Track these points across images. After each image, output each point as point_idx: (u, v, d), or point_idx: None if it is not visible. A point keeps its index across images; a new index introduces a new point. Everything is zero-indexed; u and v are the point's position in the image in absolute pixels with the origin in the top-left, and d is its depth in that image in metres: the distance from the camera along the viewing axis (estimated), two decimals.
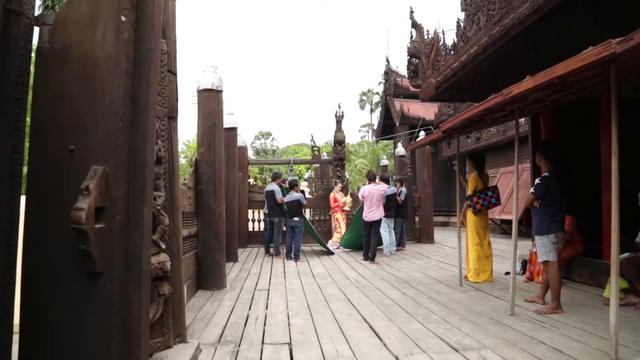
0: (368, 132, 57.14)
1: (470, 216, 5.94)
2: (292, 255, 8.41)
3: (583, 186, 5.54)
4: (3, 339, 1.67)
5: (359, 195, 8.38)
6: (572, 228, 5.55)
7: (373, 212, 8.05)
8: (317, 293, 5.47)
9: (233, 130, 8.31)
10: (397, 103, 18.77)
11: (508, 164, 14.05)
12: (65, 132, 1.62)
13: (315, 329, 3.89)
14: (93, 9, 1.60)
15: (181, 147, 25.30)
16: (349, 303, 4.91)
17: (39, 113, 1.69)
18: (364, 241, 8.37)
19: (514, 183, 4.37)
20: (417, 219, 11.32)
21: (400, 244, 9.74)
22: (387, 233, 8.82)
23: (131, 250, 1.58)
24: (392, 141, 21.02)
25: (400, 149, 13.12)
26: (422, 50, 7.72)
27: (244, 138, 10.89)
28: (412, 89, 8.69)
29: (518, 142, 4.42)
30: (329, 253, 9.28)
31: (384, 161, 15.34)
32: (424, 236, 11.03)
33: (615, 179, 2.89)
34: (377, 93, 49.41)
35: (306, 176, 27.10)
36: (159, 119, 2.87)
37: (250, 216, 10.99)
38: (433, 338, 3.56)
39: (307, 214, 11.22)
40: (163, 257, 2.84)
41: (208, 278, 5.71)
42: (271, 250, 9.18)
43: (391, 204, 8.71)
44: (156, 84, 1.66)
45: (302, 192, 8.78)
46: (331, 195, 10.45)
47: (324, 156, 17.43)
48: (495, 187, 5.95)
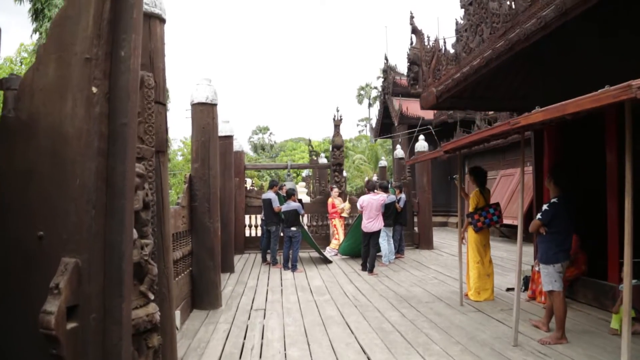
0: (366, 127, 56.93)
1: (471, 234, 5.79)
2: (290, 265, 8.27)
3: (587, 200, 5.40)
4: None
5: (358, 205, 8.24)
6: (577, 247, 5.42)
7: (372, 223, 7.91)
8: (315, 314, 5.33)
9: (229, 138, 8.13)
10: (396, 102, 18.55)
11: (508, 167, 13.91)
12: (34, 216, 1.45)
13: None
14: (61, 77, 1.43)
15: (178, 145, 25.07)
16: (347, 328, 4.77)
17: (5, 191, 1.52)
18: (363, 252, 8.24)
19: (519, 206, 4.23)
20: (416, 224, 11.19)
21: (399, 252, 9.61)
22: (386, 242, 8.69)
23: (109, 349, 1.42)
24: (392, 141, 20.84)
25: (399, 152, 12.96)
26: (423, 57, 7.53)
27: (241, 143, 10.71)
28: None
29: (523, 167, 4.26)
30: (327, 261, 9.15)
31: (382, 162, 15.21)
32: (423, 242, 10.91)
33: (628, 222, 2.74)
34: (376, 87, 49.12)
35: (304, 174, 26.92)
36: (146, 160, 2.70)
37: (247, 222, 10.84)
38: None
39: (305, 219, 11.08)
40: (152, 309, 2.66)
41: (203, 297, 5.57)
42: (268, 258, 9.04)
43: (390, 212, 8.57)
44: (133, 164, 1.49)
45: (300, 201, 8.62)
46: (329, 200, 10.29)
47: (322, 157, 17.27)
48: (497, 205, 5.81)
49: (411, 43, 7.99)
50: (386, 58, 19.46)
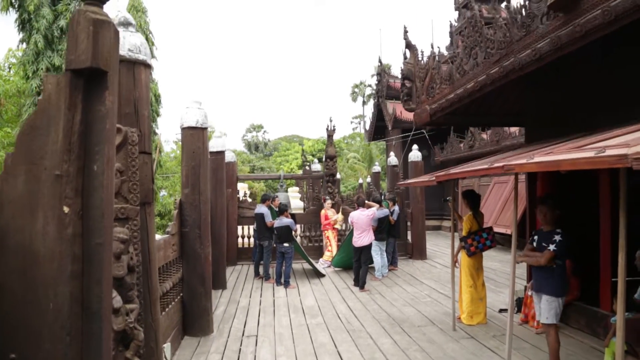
0: (360, 124, 56.85)
1: (464, 258, 5.77)
2: (282, 281, 8.22)
3: (579, 224, 5.36)
4: None
5: (349, 220, 8.20)
6: (569, 272, 5.40)
7: (362, 238, 7.89)
8: (307, 342, 5.28)
9: (221, 154, 8.03)
10: (390, 105, 18.49)
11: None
12: (6, 336, 1.37)
13: None
14: (31, 192, 1.35)
15: (171, 147, 24.83)
16: (339, 358, 4.73)
17: None
18: (354, 267, 8.21)
19: (513, 231, 4.20)
20: (410, 234, 11.18)
21: (392, 263, 9.60)
22: (379, 256, 8.66)
23: None
24: (386, 144, 20.78)
25: (392, 159, 12.90)
26: (417, 74, 7.46)
27: (232, 151, 10.61)
28: None
29: (517, 198, 4.22)
30: (320, 275, 9.11)
31: (376, 167, 15.14)
32: (416, 252, 10.90)
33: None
34: (370, 85, 48.97)
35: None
36: (131, 219, 2.62)
37: (240, 232, 10.76)
38: None
39: (299, 229, 11.02)
40: None
41: (194, 324, 5.50)
42: (261, 272, 8.98)
43: (384, 226, 8.53)
44: (110, 285, 1.41)
45: (293, 216, 8.55)
46: (322, 212, 10.24)
47: (316, 163, 17.21)
48: (490, 229, 5.78)
49: (405, 58, 7.91)
50: (380, 61, 19.36)
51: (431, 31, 50.41)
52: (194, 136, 5.48)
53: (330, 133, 10.58)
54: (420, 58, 7.57)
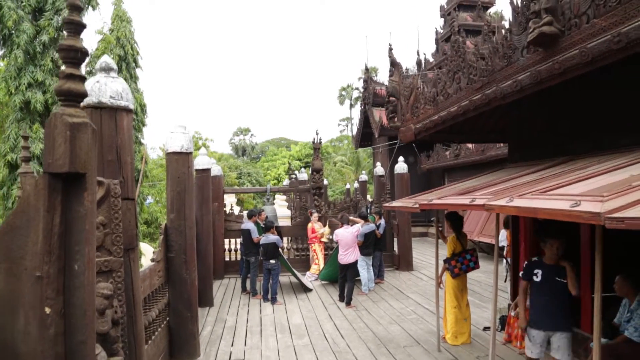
0: (347, 126, 57.02)
1: (448, 279, 5.85)
2: (269, 297, 8.22)
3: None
4: None
5: (334, 237, 8.26)
6: None
7: (348, 255, 7.95)
8: None
9: (207, 171, 8.00)
10: (377, 113, 18.59)
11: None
12: None
13: None
14: (11, 291, 1.36)
15: (158, 154, 24.60)
16: None
17: None
18: (339, 283, 8.27)
19: (495, 249, 4.27)
20: (396, 245, 11.26)
21: (379, 276, 9.67)
22: (365, 271, 8.71)
23: None
24: (372, 151, 20.89)
25: (379, 169, 12.99)
26: (401, 92, 7.54)
27: (219, 167, 10.57)
28: None
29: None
30: (307, 290, 9.14)
31: (363, 176, 15.23)
32: (403, 263, 10.98)
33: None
34: (357, 88, 49.16)
35: (285, 183, 26.80)
36: (115, 271, 2.62)
37: (227, 246, 10.73)
38: None
39: (286, 242, 11.03)
40: None
41: (182, 349, 5.48)
42: (248, 287, 8.97)
43: (370, 241, 8.59)
44: None
45: (279, 233, 8.56)
46: (309, 225, 10.26)
47: (302, 172, 17.23)
48: (473, 250, 5.87)
49: (390, 74, 7.98)
50: (367, 68, 19.47)
51: (417, 37, 50.78)
52: (179, 161, 5.46)
53: (316, 146, 10.61)
54: (405, 73, 7.65)
